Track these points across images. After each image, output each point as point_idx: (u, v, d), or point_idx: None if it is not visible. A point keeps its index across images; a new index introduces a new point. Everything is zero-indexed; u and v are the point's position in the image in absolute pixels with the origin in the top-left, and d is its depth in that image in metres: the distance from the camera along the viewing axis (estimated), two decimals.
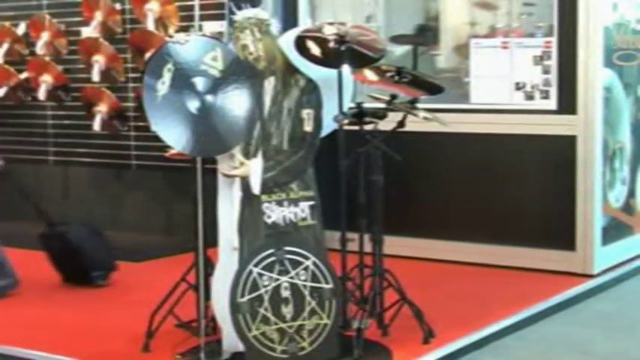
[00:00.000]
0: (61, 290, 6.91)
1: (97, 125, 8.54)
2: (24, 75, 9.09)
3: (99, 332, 5.79)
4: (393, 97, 5.64)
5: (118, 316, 6.11)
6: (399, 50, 8.45)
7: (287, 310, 5.04)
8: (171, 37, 7.47)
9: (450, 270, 7.24)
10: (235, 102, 5.00)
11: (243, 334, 4.97)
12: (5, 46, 9.16)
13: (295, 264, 5.08)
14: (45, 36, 8.89)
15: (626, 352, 5.54)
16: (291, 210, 5.13)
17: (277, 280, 5.04)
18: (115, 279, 7.23)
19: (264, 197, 5.07)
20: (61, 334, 5.77)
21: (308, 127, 5.15)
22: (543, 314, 6.17)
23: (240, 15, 5.16)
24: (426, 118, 5.52)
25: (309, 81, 5.19)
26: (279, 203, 5.11)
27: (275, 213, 5.10)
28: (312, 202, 5.19)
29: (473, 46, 7.53)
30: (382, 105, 5.65)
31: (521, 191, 7.23)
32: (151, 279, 6.51)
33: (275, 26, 5.24)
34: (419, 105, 5.59)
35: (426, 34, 8.41)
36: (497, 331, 5.74)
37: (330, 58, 5.22)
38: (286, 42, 5.26)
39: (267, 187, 5.06)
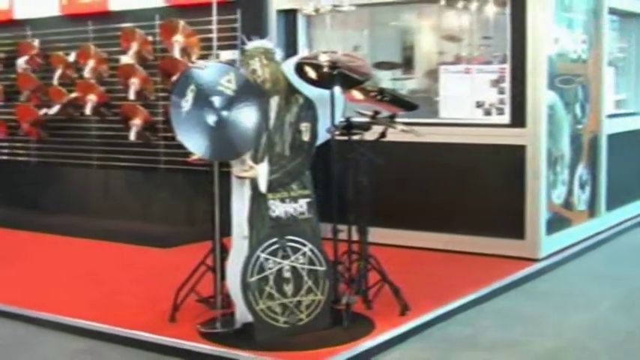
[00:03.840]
0: (102, 271, 6.86)
1: (132, 135, 8.52)
2: (73, 94, 9.06)
3: (133, 305, 5.74)
4: (376, 112, 5.61)
5: (149, 292, 6.06)
6: None
7: (288, 288, 5.03)
8: (193, 63, 7.44)
9: (423, 255, 7.18)
10: (246, 116, 4.96)
11: (252, 308, 4.94)
12: (59, 71, 9.14)
13: (295, 250, 5.06)
14: (91, 62, 8.86)
15: (566, 321, 5.51)
16: (291, 206, 5.10)
17: (280, 263, 5.02)
18: (145, 262, 7.21)
19: (269, 195, 5.03)
20: (101, 306, 5.72)
21: (306, 138, 5.14)
22: (499, 291, 6.13)
23: (250, 45, 5.17)
24: (403, 130, 5.50)
25: (307, 99, 5.17)
26: (282, 200, 5.08)
27: (278, 208, 5.07)
28: (309, 199, 5.16)
29: (441, 71, 7.49)
30: (367, 119, 5.61)
31: (480, 190, 7.19)
32: (176, 262, 6.43)
33: (278, 54, 5.23)
34: (397, 119, 5.56)
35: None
36: (461, 305, 5.69)
37: (324, 81, 5.16)
38: (288, 67, 5.22)
39: (272, 187, 5.03)
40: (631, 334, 5.28)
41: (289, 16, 7.99)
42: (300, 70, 5.19)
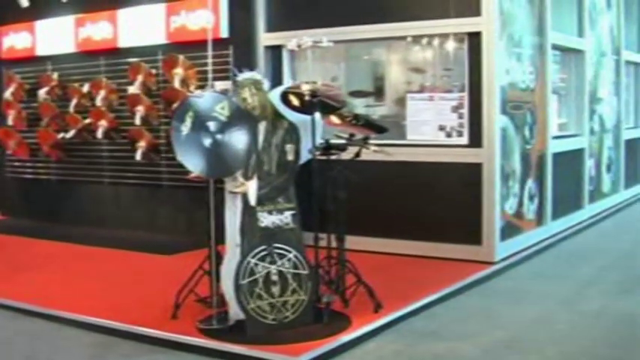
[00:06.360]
0: (113, 275, 6.79)
1: (138, 156, 8.47)
2: (87, 120, 8.99)
3: (139, 304, 5.68)
4: (352, 135, 5.61)
5: (153, 293, 5.99)
6: None
7: (275, 290, 4.99)
8: (191, 92, 7.42)
9: (394, 260, 7.15)
10: (237, 139, 4.93)
11: (243, 307, 4.91)
12: (75, 100, 9.08)
13: (281, 256, 5.04)
14: (102, 93, 8.81)
15: (517, 315, 5.50)
16: (278, 217, 5.07)
17: (268, 267, 4.99)
18: (149, 267, 7.15)
19: (258, 207, 5.01)
20: (111, 305, 5.64)
21: (290, 157, 5.12)
22: (460, 290, 6.11)
23: (241, 76, 5.15)
24: (375, 150, 5.50)
25: (291, 124, 5.15)
26: (269, 212, 5.06)
27: (266, 219, 5.04)
28: (293, 212, 5.14)
29: (408, 99, 7.49)
30: (344, 141, 5.60)
31: (443, 203, 7.18)
32: (177, 267, 6.38)
33: (266, 84, 5.21)
34: (370, 141, 5.55)
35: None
36: (427, 303, 5.67)
37: (306, 107, 5.14)
38: (274, 95, 5.20)
39: (260, 201, 5.01)
40: (573, 325, 5.27)
41: (275, 51, 7.99)
42: (285, 98, 5.18)
